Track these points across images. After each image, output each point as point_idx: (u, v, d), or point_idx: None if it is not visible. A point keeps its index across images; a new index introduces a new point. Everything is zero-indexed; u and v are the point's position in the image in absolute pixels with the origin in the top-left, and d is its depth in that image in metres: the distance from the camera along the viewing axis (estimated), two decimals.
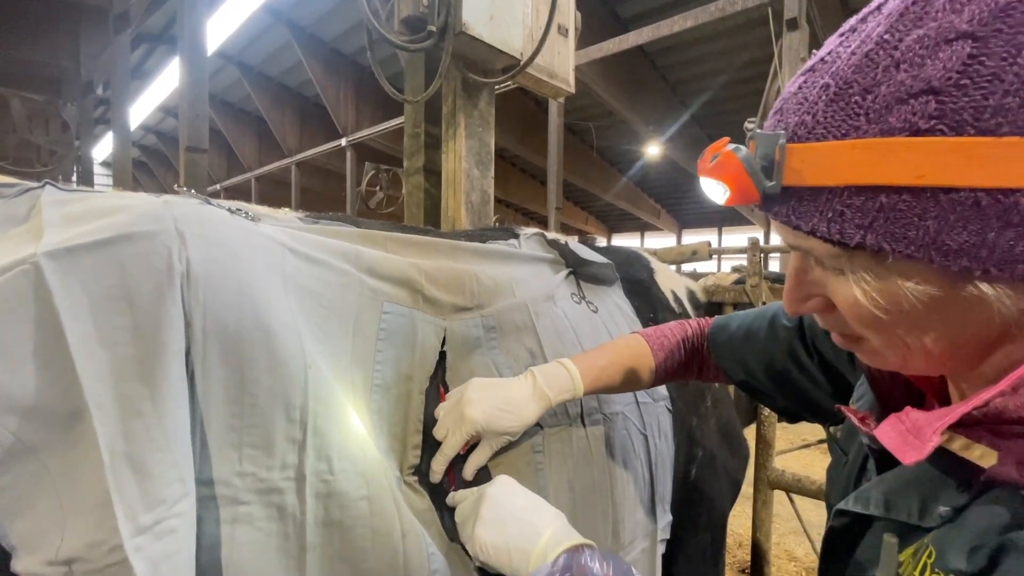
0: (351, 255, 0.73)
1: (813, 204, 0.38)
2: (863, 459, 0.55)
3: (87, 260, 0.48)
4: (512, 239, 1.07)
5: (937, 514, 0.41)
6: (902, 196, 0.34)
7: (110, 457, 0.44)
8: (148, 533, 0.44)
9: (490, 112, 1.74)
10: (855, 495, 0.50)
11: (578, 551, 0.57)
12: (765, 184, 0.39)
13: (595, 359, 0.84)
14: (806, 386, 0.74)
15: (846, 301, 0.41)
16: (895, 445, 0.42)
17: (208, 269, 0.54)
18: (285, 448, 0.56)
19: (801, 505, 1.99)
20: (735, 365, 0.83)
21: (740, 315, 0.85)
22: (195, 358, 0.53)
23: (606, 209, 16.47)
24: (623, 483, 0.94)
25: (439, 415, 0.75)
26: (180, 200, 0.60)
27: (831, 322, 0.46)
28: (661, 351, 0.88)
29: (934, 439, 0.39)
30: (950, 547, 0.38)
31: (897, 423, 0.44)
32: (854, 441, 0.58)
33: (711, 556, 1.20)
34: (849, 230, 0.36)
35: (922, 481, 0.44)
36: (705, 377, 0.92)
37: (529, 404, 0.76)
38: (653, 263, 1.42)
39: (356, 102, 9.11)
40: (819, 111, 0.37)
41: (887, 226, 0.35)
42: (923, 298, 0.36)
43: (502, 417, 0.74)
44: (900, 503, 0.45)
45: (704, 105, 8.35)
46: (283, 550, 0.55)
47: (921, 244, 0.34)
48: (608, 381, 0.83)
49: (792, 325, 0.74)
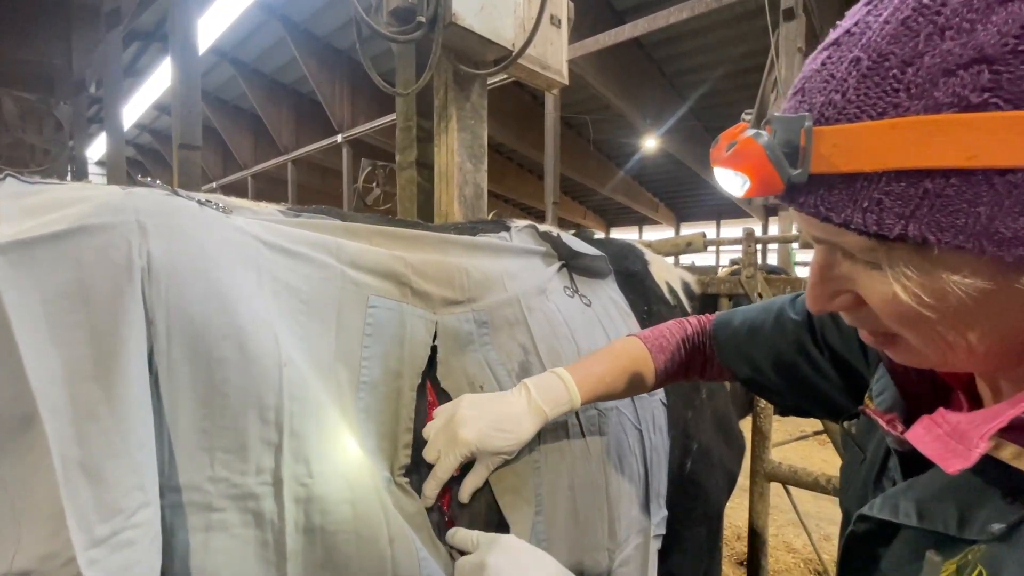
0: (332, 247, 0.70)
1: (846, 193, 0.34)
2: (883, 458, 0.51)
3: (40, 254, 0.45)
4: (503, 232, 1.05)
5: (987, 530, 0.37)
6: (950, 180, 0.30)
7: (62, 464, 0.42)
8: (104, 545, 0.42)
9: (482, 104, 1.73)
10: (881, 500, 0.47)
11: None
12: (790, 173, 0.35)
13: (591, 367, 0.80)
14: (816, 381, 0.70)
15: (882, 298, 0.37)
16: (935, 452, 0.39)
17: (172, 263, 0.51)
18: (260, 451, 0.54)
19: (798, 497, 1.99)
20: (741, 362, 0.79)
21: (743, 310, 0.82)
22: (159, 358, 0.50)
23: (604, 203, 16.45)
24: (619, 479, 0.93)
25: (428, 435, 0.71)
26: (144, 191, 0.57)
27: (861, 319, 0.42)
28: (661, 353, 0.84)
29: (981, 445, 0.36)
30: (1004, 568, 0.35)
31: (933, 426, 0.40)
32: (872, 438, 0.55)
33: (707, 549, 1.19)
34: (888, 220, 0.32)
35: (960, 489, 0.40)
36: (709, 376, 0.88)
37: (524, 420, 0.72)
38: (648, 255, 1.40)
39: (352, 98, 9.07)
40: (850, 88, 0.33)
41: (932, 214, 0.31)
42: (972, 292, 0.33)
43: (497, 437, 0.70)
44: (935, 513, 0.41)
45: (701, 97, 8.32)
46: (261, 558, 0.53)
47: (972, 233, 0.31)
48: (606, 389, 0.80)
49: (800, 319, 0.71)
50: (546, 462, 0.81)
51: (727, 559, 2.58)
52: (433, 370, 0.77)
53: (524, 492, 0.77)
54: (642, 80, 7.68)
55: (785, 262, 5.41)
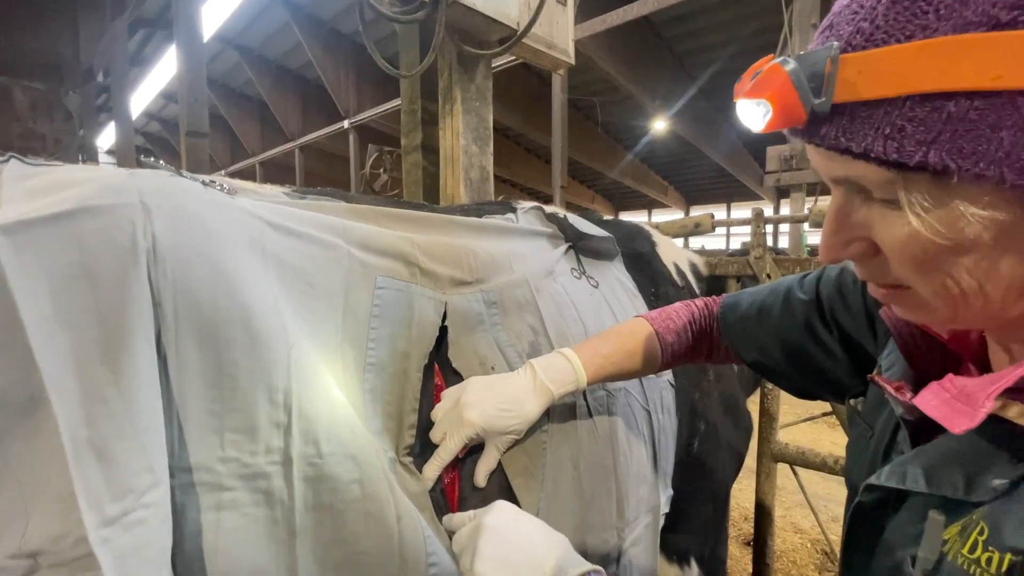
0: (338, 228, 0.70)
1: (867, 122, 0.34)
2: (892, 432, 0.51)
3: (44, 234, 0.45)
4: (509, 214, 1.05)
5: (991, 487, 0.37)
6: (974, 103, 0.30)
7: (72, 445, 0.42)
8: (115, 525, 0.42)
9: (487, 86, 1.71)
10: (888, 469, 0.47)
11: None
12: (813, 102, 0.35)
13: (598, 347, 0.80)
14: (823, 362, 0.70)
15: (896, 240, 0.37)
16: (941, 414, 0.39)
17: (177, 244, 0.51)
18: (269, 432, 0.54)
19: (806, 478, 1.99)
20: (748, 345, 0.79)
21: (750, 292, 0.82)
22: (167, 341, 0.50)
23: (612, 187, 16.29)
24: (627, 459, 0.93)
25: (436, 417, 0.72)
26: (148, 172, 0.57)
27: (872, 270, 0.42)
28: (668, 335, 0.84)
29: (987, 404, 0.36)
30: (1006, 523, 0.35)
31: (940, 391, 0.41)
32: (880, 414, 0.55)
33: (713, 528, 1.20)
34: (909, 147, 0.32)
35: (967, 453, 0.40)
36: (715, 359, 0.88)
37: (530, 400, 0.73)
38: (655, 236, 1.39)
39: (357, 83, 9.00)
40: (879, 15, 0.33)
41: (954, 140, 0.31)
42: (989, 225, 0.33)
43: (503, 417, 0.71)
44: (943, 477, 0.41)
45: (712, 77, 8.15)
46: (272, 536, 0.53)
47: (993, 160, 0.30)
48: (613, 370, 0.80)
49: (808, 298, 0.71)
50: (552, 442, 0.82)
51: (734, 539, 2.60)
52: (441, 351, 0.77)
53: (536, 473, 0.78)
54: (651, 60, 7.53)
55: (796, 245, 5.34)
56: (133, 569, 0.42)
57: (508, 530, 0.59)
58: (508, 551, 0.58)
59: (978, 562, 0.36)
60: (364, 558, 0.58)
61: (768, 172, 5.04)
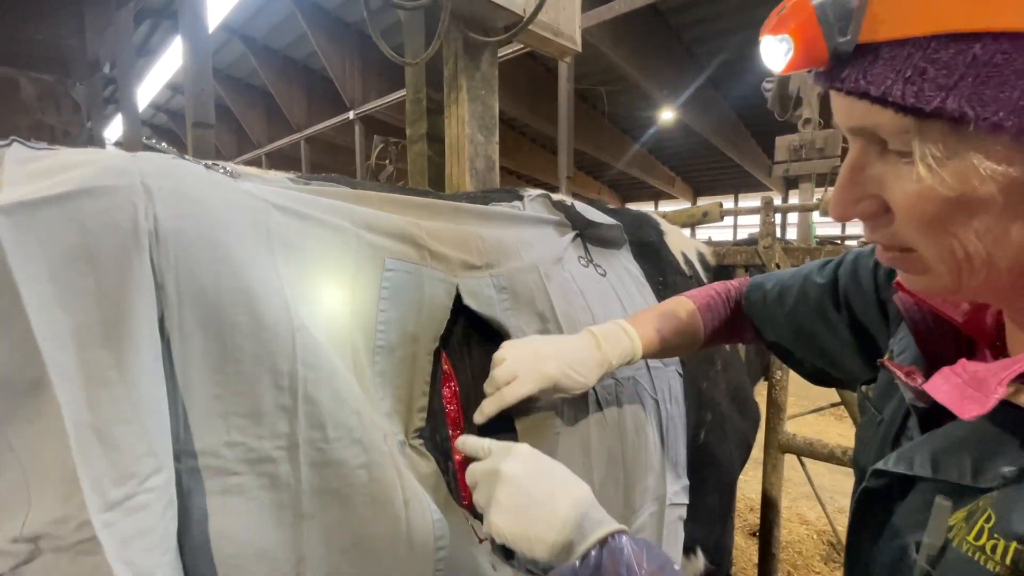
0: (344, 211, 0.69)
1: (890, 64, 0.33)
2: (903, 418, 0.51)
3: (44, 216, 0.44)
4: (516, 201, 1.04)
5: (999, 474, 0.37)
6: (1001, 46, 0.29)
7: (74, 428, 0.41)
8: (118, 509, 0.42)
9: (493, 74, 1.69)
10: (896, 455, 0.46)
11: (608, 543, 0.50)
12: (837, 39, 0.34)
13: (650, 322, 0.82)
14: (833, 345, 0.71)
15: (906, 196, 0.36)
16: (951, 399, 0.38)
17: (179, 227, 0.50)
18: (275, 416, 0.54)
19: (813, 469, 1.98)
20: (767, 326, 0.81)
21: (777, 274, 0.83)
22: (170, 324, 0.49)
23: (619, 178, 16.18)
24: (635, 448, 0.93)
25: (504, 357, 0.71)
26: (150, 155, 0.56)
27: (880, 231, 0.41)
28: (708, 312, 0.86)
29: (999, 391, 0.35)
30: (1014, 510, 0.35)
31: (951, 376, 0.40)
32: (890, 400, 0.54)
33: (720, 517, 1.20)
34: (928, 91, 0.32)
35: (976, 439, 0.40)
36: (745, 339, 0.90)
37: (594, 368, 0.75)
38: (663, 225, 1.38)
39: (363, 73, 8.96)
40: None
41: (975, 86, 0.30)
42: (1000, 180, 0.32)
43: (571, 377, 0.73)
44: (950, 463, 0.41)
45: (721, 66, 8.04)
46: (279, 520, 0.53)
47: (1013, 109, 0.30)
48: (662, 346, 0.82)
49: (824, 282, 0.71)
50: (564, 428, 0.82)
51: (739, 530, 2.60)
52: (453, 336, 0.76)
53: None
54: (659, 48, 7.43)
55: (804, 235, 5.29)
56: (136, 554, 0.42)
57: (528, 481, 0.56)
58: (526, 503, 0.55)
59: (983, 549, 0.35)
60: (371, 542, 0.58)
61: (777, 162, 4.99)
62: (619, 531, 0.52)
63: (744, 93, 8.68)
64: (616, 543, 0.50)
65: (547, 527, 0.53)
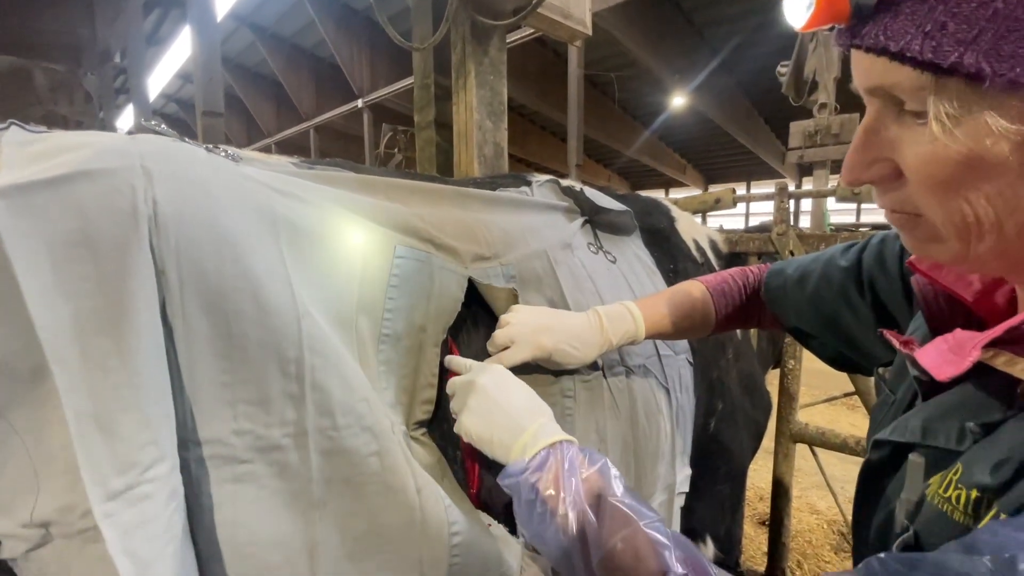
0: (347, 202, 0.68)
1: (911, 19, 0.33)
2: (912, 396, 0.52)
3: (41, 199, 0.42)
4: (524, 187, 1.03)
5: (968, 431, 0.39)
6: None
7: (75, 417, 0.40)
8: (119, 499, 0.41)
9: (501, 59, 1.66)
10: (894, 425, 0.48)
11: (556, 448, 0.57)
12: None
13: (657, 304, 0.83)
14: (855, 328, 0.71)
15: (918, 157, 0.36)
16: (933, 363, 0.40)
17: (180, 211, 0.49)
18: (283, 404, 0.53)
19: (825, 459, 1.97)
20: (788, 310, 0.81)
21: (797, 259, 0.83)
22: (172, 311, 0.48)
23: (629, 165, 16.01)
24: (644, 436, 0.92)
25: (509, 321, 0.74)
26: (150, 137, 0.54)
27: (891, 195, 0.41)
28: (722, 298, 0.86)
29: (973, 354, 0.37)
30: (977, 463, 0.37)
31: (940, 343, 0.42)
32: (903, 380, 0.55)
33: (729, 507, 1.19)
34: (947, 46, 0.32)
35: (964, 406, 0.41)
36: (763, 324, 0.90)
37: (593, 345, 0.77)
38: (674, 211, 1.36)
39: (371, 61, 8.92)
40: None
41: (994, 41, 0.30)
42: (1014, 139, 0.32)
43: (568, 353, 0.74)
44: (939, 429, 0.43)
45: (734, 50, 7.88)
46: (291, 508, 0.53)
47: None
48: (668, 328, 0.83)
49: (847, 265, 0.71)
50: (577, 411, 0.81)
51: (749, 519, 2.60)
52: (458, 328, 0.76)
53: None
54: (670, 32, 7.29)
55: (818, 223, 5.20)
56: (138, 544, 0.42)
57: (497, 392, 0.63)
58: (492, 410, 0.62)
59: (949, 500, 0.38)
60: (385, 530, 0.57)
61: (791, 148, 4.89)
62: (568, 440, 0.58)
63: (757, 78, 8.51)
64: (563, 447, 0.57)
65: (507, 431, 0.60)
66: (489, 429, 0.61)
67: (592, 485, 0.53)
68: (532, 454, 0.57)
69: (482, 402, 0.63)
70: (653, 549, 0.47)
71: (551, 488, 0.53)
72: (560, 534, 0.51)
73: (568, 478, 0.53)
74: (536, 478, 0.54)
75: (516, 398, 0.64)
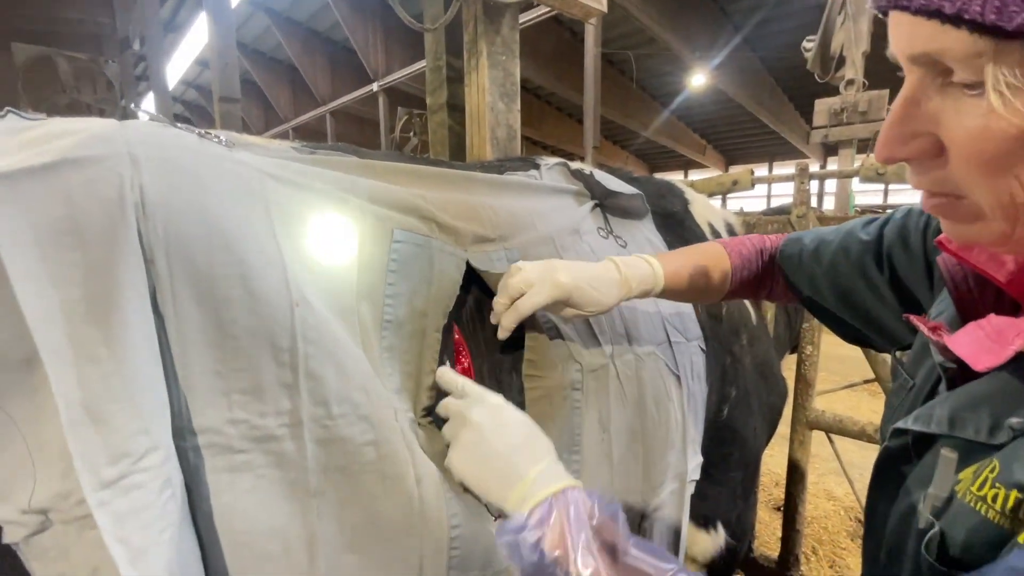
0: (347, 184, 0.67)
1: None
2: (934, 383, 0.49)
3: (28, 187, 0.42)
4: (532, 170, 1.01)
5: (1008, 427, 0.36)
6: None
7: (66, 406, 0.40)
8: (112, 487, 0.41)
9: (514, 39, 1.63)
10: (916, 413, 0.45)
11: (560, 497, 0.50)
12: None
13: (675, 258, 0.82)
14: (872, 303, 0.68)
15: (967, 132, 0.33)
16: (969, 352, 0.37)
17: (168, 199, 0.48)
18: (277, 393, 0.52)
19: (843, 446, 1.94)
20: (802, 280, 0.78)
21: (816, 230, 0.80)
22: (163, 300, 0.48)
23: (646, 146, 15.72)
24: (655, 424, 0.91)
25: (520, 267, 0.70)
26: (138, 123, 0.54)
27: (929, 175, 0.38)
28: (739, 259, 0.84)
29: (1016, 342, 0.34)
30: (1018, 460, 0.34)
31: (975, 330, 0.39)
32: (923, 365, 0.52)
33: (742, 493, 1.18)
34: (1013, 6, 0.28)
35: (997, 396, 0.39)
36: (775, 296, 0.88)
37: (613, 288, 0.74)
38: (688, 194, 1.32)
39: (386, 43, 8.84)
40: None
41: None
42: None
43: (588, 293, 0.71)
44: (968, 419, 0.40)
45: (757, 26, 7.62)
46: (289, 497, 0.53)
47: None
48: (686, 284, 0.81)
49: (868, 239, 0.68)
50: (586, 402, 0.80)
51: (765, 504, 2.58)
52: (460, 311, 0.75)
53: (562, 434, 0.77)
54: (690, 7, 7.06)
55: (843, 205, 5.05)
56: (131, 531, 0.42)
57: (492, 433, 0.57)
58: (487, 453, 0.56)
59: (984, 499, 0.35)
60: (383, 519, 0.57)
61: (815, 127, 4.74)
62: (572, 487, 0.52)
63: (782, 54, 8.21)
64: (567, 496, 0.50)
65: (503, 478, 0.54)
66: (483, 473, 0.56)
67: (605, 539, 0.48)
68: (532, 506, 0.50)
69: (475, 441, 0.57)
70: None
71: (558, 548, 0.47)
72: None
73: (577, 534, 0.47)
74: (538, 536, 0.48)
75: (514, 436, 0.57)
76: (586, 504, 0.50)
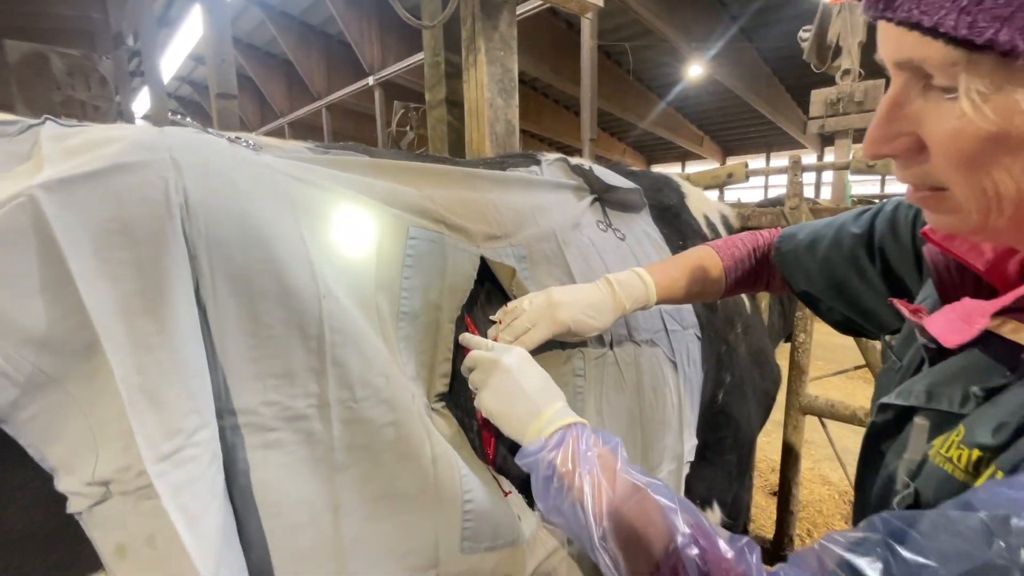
0: (362, 187, 0.71)
1: None
2: (919, 363, 0.53)
3: (82, 191, 0.46)
4: (534, 166, 1.04)
5: (972, 395, 0.40)
6: None
7: (126, 389, 0.45)
8: (169, 460, 0.46)
9: (512, 34, 1.65)
10: (899, 389, 0.49)
11: (572, 428, 0.61)
12: None
13: (667, 270, 0.86)
14: (864, 293, 0.72)
15: (944, 132, 0.36)
16: (941, 331, 0.41)
17: (207, 200, 0.53)
18: (306, 378, 0.57)
19: (837, 431, 1.98)
20: (798, 274, 0.82)
21: (810, 224, 0.83)
22: (205, 293, 0.52)
23: (644, 138, 15.69)
24: (652, 409, 0.95)
25: (522, 306, 0.77)
26: (176, 129, 0.58)
27: (913, 170, 0.42)
28: (731, 261, 0.88)
29: (981, 321, 0.38)
30: (979, 424, 0.38)
31: (949, 311, 0.43)
32: (910, 347, 0.56)
33: (737, 476, 1.23)
34: (982, 22, 0.31)
35: (969, 371, 0.43)
36: (772, 288, 0.91)
37: (607, 312, 0.80)
38: (684, 187, 1.36)
39: (381, 37, 8.80)
40: None
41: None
42: None
43: (585, 322, 0.77)
44: (943, 392, 0.44)
45: (754, 16, 7.60)
46: (315, 471, 0.57)
47: None
48: (680, 293, 0.85)
49: (860, 232, 0.72)
50: (588, 388, 0.84)
51: (760, 489, 2.64)
52: (473, 303, 0.79)
53: None
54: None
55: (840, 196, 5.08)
56: (187, 499, 0.46)
57: (520, 375, 0.67)
58: (513, 391, 0.66)
59: (951, 459, 0.39)
60: (401, 494, 0.62)
61: (812, 118, 4.75)
62: (581, 422, 0.63)
63: (779, 44, 8.21)
64: (578, 428, 0.62)
65: (525, 412, 0.65)
66: (509, 408, 0.66)
67: (605, 461, 0.58)
68: (549, 433, 0.61)
69: (504, 382, 0.67)
70: (661, 512, 0.52)
71: (568, 464, 0.58)
72: (577, 504, 0.55)
73: (584, 454, 0.58)
74: (554, 455, 0.59)
75: (535, 381, 0.68)
76: (592, 437, 0.61)
